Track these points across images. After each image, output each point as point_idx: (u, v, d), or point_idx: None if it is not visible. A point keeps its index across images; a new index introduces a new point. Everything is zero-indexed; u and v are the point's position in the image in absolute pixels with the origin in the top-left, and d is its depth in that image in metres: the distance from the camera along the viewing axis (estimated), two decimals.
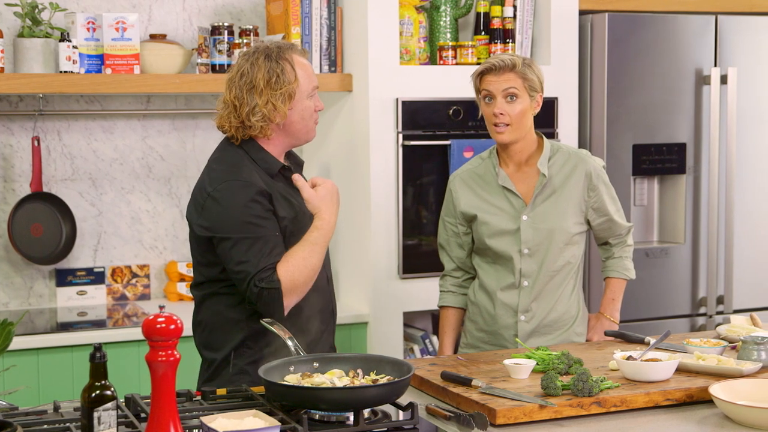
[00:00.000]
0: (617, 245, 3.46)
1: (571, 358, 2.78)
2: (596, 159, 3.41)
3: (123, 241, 4.42)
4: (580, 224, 3.33)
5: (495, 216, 3.30)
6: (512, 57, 3.24)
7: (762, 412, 2.41)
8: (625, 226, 3.44)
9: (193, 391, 2.60)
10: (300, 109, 3.01)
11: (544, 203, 3.29)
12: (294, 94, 2.97)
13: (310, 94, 3.02)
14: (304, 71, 3.01)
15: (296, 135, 3.04)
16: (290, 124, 3.01)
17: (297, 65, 2.99)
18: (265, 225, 2.88)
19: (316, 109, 3.04)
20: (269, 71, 2.95)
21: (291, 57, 2.99)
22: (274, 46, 3.00)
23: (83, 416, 2.12)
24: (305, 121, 3.03)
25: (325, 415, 2.39)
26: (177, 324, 2.11)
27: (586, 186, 3.31)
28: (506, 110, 3.22)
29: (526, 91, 3.23)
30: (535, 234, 3.27)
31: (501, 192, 3.31)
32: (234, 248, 2.85)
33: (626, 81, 4.44)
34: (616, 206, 3.40)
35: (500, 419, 2.45)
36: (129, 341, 3.79)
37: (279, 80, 2.95)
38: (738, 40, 4.62)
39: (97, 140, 4.36)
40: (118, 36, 4.04)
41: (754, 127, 4.67)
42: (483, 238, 3.32)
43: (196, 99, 4.49)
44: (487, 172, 3.35)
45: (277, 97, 2.95)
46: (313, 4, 4.26)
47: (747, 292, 4.69)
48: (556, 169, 3.30)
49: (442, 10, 4.40)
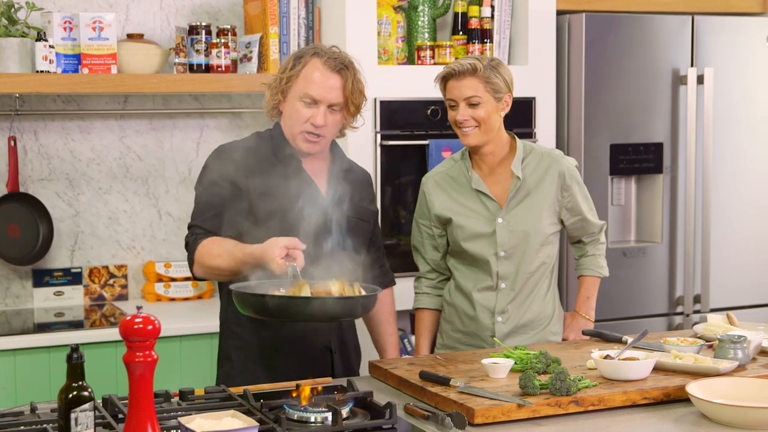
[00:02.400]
0: (590, 243, 3.47)
1: (549, 358, 2.79)
2: (569, 159, 3.41)
3: (100, 242, 4.40)
4: (554, 224, 3.34)
5: (470, 219, 3.30)
6: (473, 61, 3.21)
7: (738, 410, 2.42)
8: (598, 224, 3.46)
9: (171, 392, 2.59)
10: (289, 108, 3.03)
11: (519, 205, 3.29)
12: (283, 86, 3.01)
13: (303, 99, 3.00)
14: (310, 75, 2.99)
15: (287, 133, 3.07)
16: (284, 120, 3.08)
17: (307, 67, 3.00)
18: (211, 190, 3.01)
19: (311, 120, 3.00)
20: (286, 63, 3.06)
21: (309, 58, 3.01)
22: (312, 48, 3.07)
23: (60, 417, 2.11)
24: (291, 122, 3.03)
25: (303, 414, 2.39)
26: (154, 324, 2.11)
27: (560, 186, 3.32)
28: (470, 115, 3.21)
29: (489, 94, 3.20)
30: (511, 236, 3.27)
31: (475, 195, 3.31)
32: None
33: (603, 81, 4.46)
34: (589, 205, 3.41)
35: (478, 418, 2.45)
36: (106, 342, 3.77)
37: (281, 69, 3.05)
38: (714, 41, 4.64)
39: (74, 140, 4.34)
40: (95, 35, 4.02)
41: (730, 127, 4.69)
42: (458, 241, 3.32)
43: (174, 99, 4.47)
44: (460, 175, 3.34)
45: (273, 83, 3.05)
46: (291, 4, 4.25)
47: (724, 291, 4.71)
48: (529, 170, 3.30)
49: (420, 10, 4.41)
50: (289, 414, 2.39)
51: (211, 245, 2.95)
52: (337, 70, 3.02)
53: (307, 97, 3.00)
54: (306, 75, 3.00)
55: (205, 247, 2.96)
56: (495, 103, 3.22)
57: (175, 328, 3.86)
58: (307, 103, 3.00)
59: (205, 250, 2.95)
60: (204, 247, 2.96)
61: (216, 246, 2.94)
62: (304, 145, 3.04)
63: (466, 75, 3.20)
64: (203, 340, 3.90)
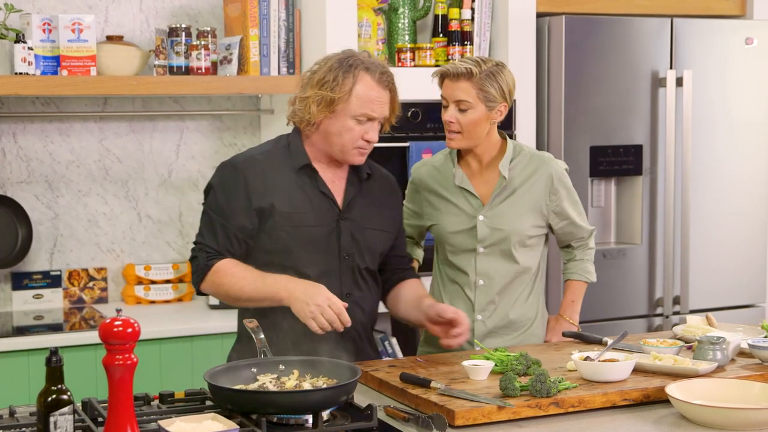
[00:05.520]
0: (579, 248, 3.47)
1: (529, 359, 2.79)
2: (559, 162, 3.40)
3: (80, 244, 4.38)
4: (538, 227, 3.33)
5: (451, 214, 3.31)
6: (471, 65, 3.18)
7: (717, 411, 2.43)
8: (588, 230, 3.46)
9: (151, 395, 2.58)
10: (340, 125, 2.95)
11: (501, 204, 3.29)
12: (335, 105, 2.92)
13: (358, 117, 2.94)
14: (365, 94, 2.93)
15: (333, 148, 2.99)
16: (327, 134, 2.98)
17: (359, 84, 2.93)
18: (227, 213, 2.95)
19: (364, 137, 2.97)
20: (328, 74, 2.94)
21: (360, 74, 2.93)
22: (357, 58, 2.97)
23: (39, 421, 2.10)
24: (342, 140, 2.96)
25: (283, 417, 2.39)
26: (134, 327, 2.10)
27: (548, 189, 3.31)
28: (457, 118, 3.20)
29: (481, 101, 3.18)
30: (491, 234, 3.27)
31: (459, 191, 3.32)
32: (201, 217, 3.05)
33: (583, 83, 4.47)
34: (578, 210, 3.41)
35: (459, 420, 2.45)
36: (86, 345, 3.76)
37: (328, 85, 2.92)
38: (693, 43, 4.66)
39: (54, 142, 4.32)
40: (74, 37, 4.01)
41: (709, 129, 4.71)
42: (439, 235, 3.32)
43: (154, 101, 4.46)
44: (447, 171, 3.35)
45: (317, 97, 2.93)
46: (272, 6, 4.25)
47: (703, 292, 4.73)
48: (517, 170, 3.31)
49: (400, 12, 4.41)
50: (269, 417, 2.38)
51: (233, 267, 2.92)
52: (389, 87, 3.00)
53: (364, 117, 2.95)
54: (361, 94, 2.93)
55: (224, 267, 2.92)
56: (486, 112, 3.19)
57: (154, 331, 3.85)
58: (361, 121, 2.96)
59: (225, 270, 2.91)
60: (222, 267, 2.92)
61: (239, 269, 2.91)
62: (358, 158, 3.01)
63: (461, 78, 3.18)
64: (183, 343, 3.89)
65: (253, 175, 2.96)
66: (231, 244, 2.96)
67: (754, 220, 4.86)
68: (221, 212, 2.97)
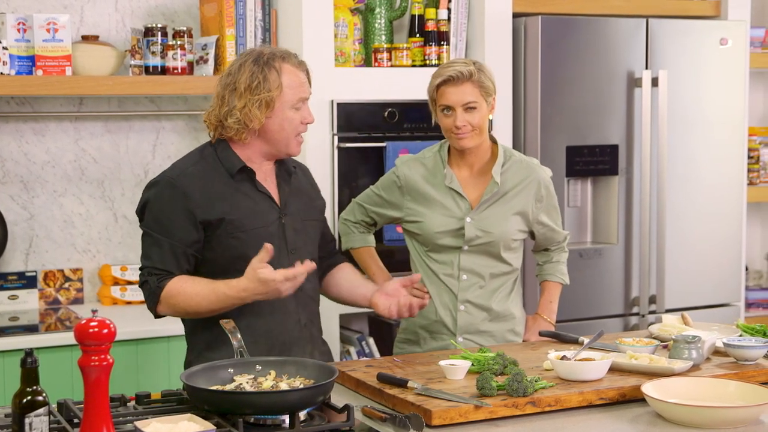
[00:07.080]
0: (556, 251, 3.52)
1: (506, 359, 2.80)
2: (545, 169, 3.44)
3: (55, 245, 4.36)
4: (522, 231, 3.37)
5: (439, 214, 3.32)
6: (467, 67, 3.22)
7: (693, 409, 2.44)
8: (563, 234, 3.51)
9: (127, 396, 2.57)
10: (280, 119, 2.96)
11: (490, 208, 3.31)
12: (273, 103, 2.93)
13: (294, 105, 2.96)
14: (292, 81, 2.95)
15: (275, 145, 2.99)
16: (268, 133, 2.97)
17: (285, 74, 2.94)
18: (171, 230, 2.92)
19: (303, 121, 2.99)
20: (252, 76, 2.93)
21: (280, 66, 2.94)
22: (268, 52, 2.97)
23: (14, 422, 2.09)
24: (285, 132, 2.97)
25: (260, 418, 2.38)
26: (110, 328, 2.09)
27: (535, 196, 3.35)
28: (467, 120, 3.23)
29: (483, 98, 3.24)
30: (477, 236, 3.29)
31: (448, 191, 3.33)
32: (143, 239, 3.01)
33: (559, 83, 4.48)
34: (558, 216, 3.47)
35: (436, 420, 2.46)
36: (62, 346, 3.74)
37: (260, 87, 2.92)
38: (669, 43, 4.68)
39: (29, 143, 4.30)
40: (49, 37, 3.99)
41: (684, 129, 4.73)
42: (425, 233, 3.33)
43: (130, 101, 4.45)
44: (436, 169, 3.36)
45: (254, 102, 2.91)
46: (248, 6, 4.24)
47: (678, 292, 4.75)
48: (508, 176, 3.33)
49: (376, 13, 4.41)
50: (246, 417, 2.38)
51: (184, 284, 2.89)
52: (303, 67, 3.03)
53: (300, 102, 2.97)
54: (290, 83, 2.95)
55: (176, 286, 2.89)
56: (487, 107, 3.26)
57: (131, 332, 3.83)
58: (298, 108, 2.98)
59: (177, 289, 2.88)
60: (174, 287, 2.89)
61: (190, 284, 2.89)
62: (297, 149, 3.03)
63: (464, 81, 3.21)
64: (160, 344, 3.88)
65: (192, 189, 2.93)
66: (179, 261, 2.92)
67: (729, 220, 4.88)
68: (165, 231, 2.93)
